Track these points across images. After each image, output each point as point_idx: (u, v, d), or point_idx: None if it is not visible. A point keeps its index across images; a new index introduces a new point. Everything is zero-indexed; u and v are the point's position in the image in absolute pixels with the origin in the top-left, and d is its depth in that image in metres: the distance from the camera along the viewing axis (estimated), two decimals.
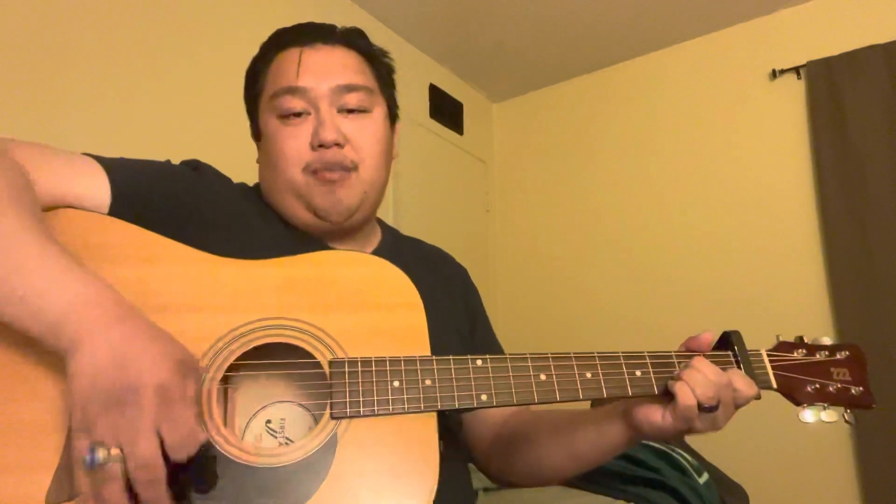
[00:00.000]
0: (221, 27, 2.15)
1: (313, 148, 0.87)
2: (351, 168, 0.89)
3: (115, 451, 0.55)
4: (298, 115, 0.88)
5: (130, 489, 0.56)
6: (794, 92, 2.70)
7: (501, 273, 3.38)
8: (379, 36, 3.04)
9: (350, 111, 0.90)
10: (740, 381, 0.79)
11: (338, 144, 0.87)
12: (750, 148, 2.78)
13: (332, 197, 0.88)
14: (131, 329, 0.59)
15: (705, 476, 1.89)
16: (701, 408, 0.77)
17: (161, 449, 0.57)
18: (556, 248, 3.28)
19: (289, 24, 0.99)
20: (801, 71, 2.68)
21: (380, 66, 0.98)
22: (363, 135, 0.90)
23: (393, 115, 1.00)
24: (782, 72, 2.71)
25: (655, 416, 0.80)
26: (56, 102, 1.68)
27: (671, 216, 2.94)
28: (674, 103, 3.02)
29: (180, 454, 0.58)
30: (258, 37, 0.98)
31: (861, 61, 2.51)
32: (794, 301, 2.56)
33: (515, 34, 3.00)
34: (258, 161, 0.97)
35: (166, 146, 1.03)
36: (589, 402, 0.89)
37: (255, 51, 0.99)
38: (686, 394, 0.77)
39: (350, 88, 0.90)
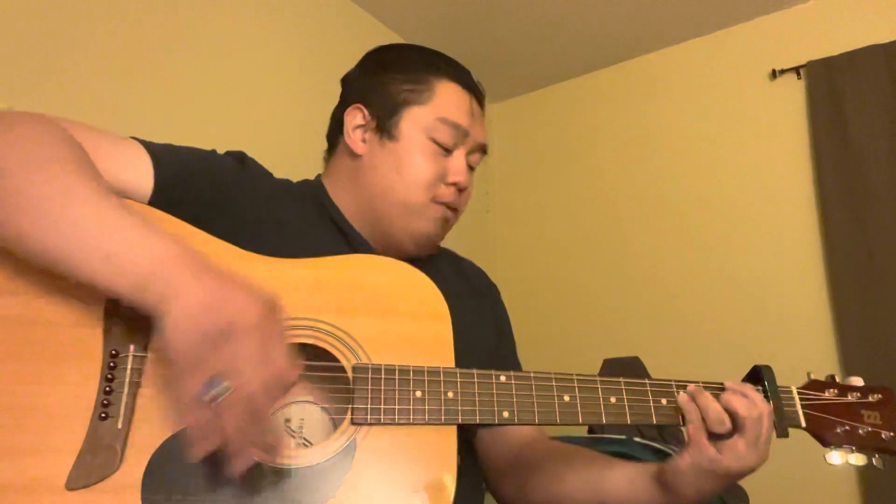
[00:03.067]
0: (223, 24, 2.14)
1: (446, 183, 0.93)
2: (456, 209, 0.97)
3: (227, 383, 0.58)
4: (443, 147, 0.94)
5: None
6: (794, 92, 2.70)
7: (502, 273, 3.36)
8: (379, 36, 3.03)
9: (468, 164, 0.98)
10: (736, 401, 0.78)
11: (463, 190, 0.96)
12: (750, 148, 2.78)
13: (437, 230, 0.95)
14: (217, 278, 0.62)
15: None
16: (711, 434, 0.77)
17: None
18: (556, 248, 3.28)
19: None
20: (801, 71, 2.68)
21: None
22: (469, 189, 0.99)
23: None
24: (782, 72, 2.72)
25: (678, 460, 0.80)
26: (63, 100, 1.68)
27: (671, 215, 2.94)
28: (674, 103, 3.02)
29: (283, 384, 0.61)
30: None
31: (861, 61, 2.51)
32: (794, 301, 2.57)
33: (515, 34, 2.99)
34: (359, 151, 0.96)
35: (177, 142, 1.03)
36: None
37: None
38: (693, 412, 0.78)
39: (483, 150, 1.00)
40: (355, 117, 0.97)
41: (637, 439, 1.94)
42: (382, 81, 0.96)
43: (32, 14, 1.65)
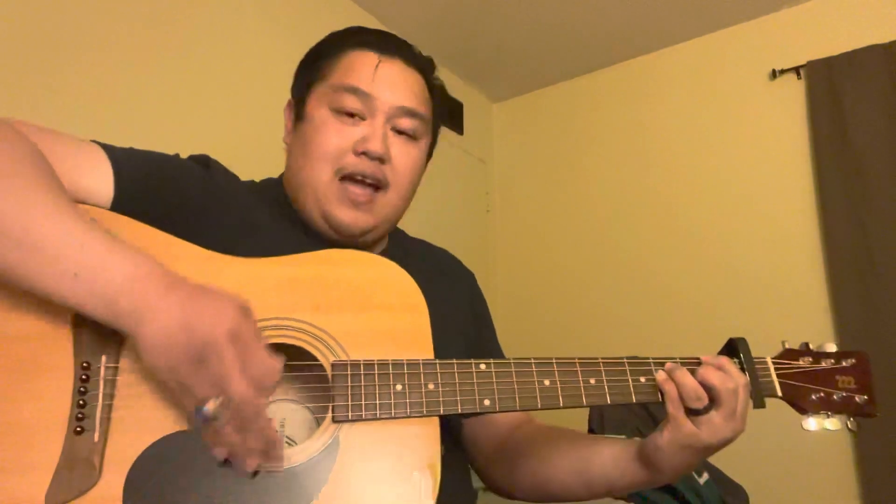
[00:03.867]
0: (224, 24, 2.15)
1: (356, 153, 0.87)
2: (383, 186, 0.89)
3: (218, 401, 0.59)
4: (352, 115, 0.88)
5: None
6: (794, 92, 2.69)
7: (501, 273, 3.37)
8: None
9: (401, 132, 0.91)
10: (711, 374, 0.78)
11: (381, 160, 0.88)
12: (750, 148, 2.78)
13: (351, 214, 0.88)
14: (184, 293, 0.61)
15: (705, 476, 1.89)
16: (689, 410, 0.77)
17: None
18: (557, 248, 3.27)
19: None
20: (801, 71, 2.67)
21: (437, 102, 0.99)
22: (405, 160, 0.91)
23: (430, 152, 1.01)
24: (782, 72, 2.71)
25: (657, 437, 0.80)
26: (61, 98, 1.68)
27: (671, 215, 2.94)
28: (674, 103, 3.02)
29: (267, 384, 0.62)
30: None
31: (861, 61, 2.51)
32: (794, 301, 2.56)
33: (515, 35, 2.99)
34: (286, 141, 0.96)
35: (169, 143, 1.03)
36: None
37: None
38: (671, 390, 0.78)
39: (411, 113, 0.91)
40: (287, 114, 0.98)
41: (637, 439, 1.93)
42: (300, 73, 0.96)
43: (25, 17, 1.66)
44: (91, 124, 1.73)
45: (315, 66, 0.93)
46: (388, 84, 0.89)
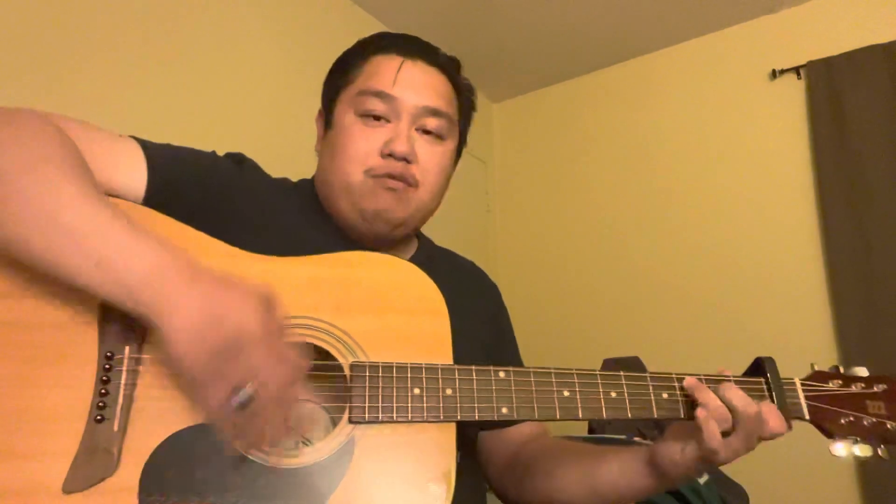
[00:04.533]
0: (223, 26, 2.14)
1: (382, 155, 0.88)
2: (412, 184, 0.90)
3: (250, 389, 0.59)
4: (377, 118, 0.89)
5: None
6: (794, 92, 2.70)
7: (502, 273, 3.37)
8: None
9: (427, 132, 0.92)
10: (772, 415, 0.77)
11: (407, 160, 0.88)
12: (750, 148, 2.78)
13: (384, 203, 0.88)
14: (207, 286, 0.61)
15: (705, 476, 1.89)
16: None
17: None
18: (557, 248, 3.28)
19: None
20: (801, 71, 2.68)
21: (464, 102, 0.99)
22: (432, 160, 0.92)
23: (459, 152, 1.01)
24: (782, 72, 2.72)
25: (675, 450, 0.79)
26: (63, 97, 1.68)
27: (671, 215, 2.94)
28: (674, 103, 3.02)
29: (299, 373, 0.63)
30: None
31: (861, 61, 2.52)
32: (794, 300, 2.57)
33: (515, 35, 2.99)
34: (317, 149, 0.98)
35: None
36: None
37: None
38: (704, 415, 0.76)
39: (435, 113, 0.91)
40: (318, 123, 0.99)
41: (637, 439, 1.93)
42: (328, 82, 0.97)
43: (33, 14, 1.65)
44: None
45: (341, 74, 0.94)
46: (411, 85, 0.90)
